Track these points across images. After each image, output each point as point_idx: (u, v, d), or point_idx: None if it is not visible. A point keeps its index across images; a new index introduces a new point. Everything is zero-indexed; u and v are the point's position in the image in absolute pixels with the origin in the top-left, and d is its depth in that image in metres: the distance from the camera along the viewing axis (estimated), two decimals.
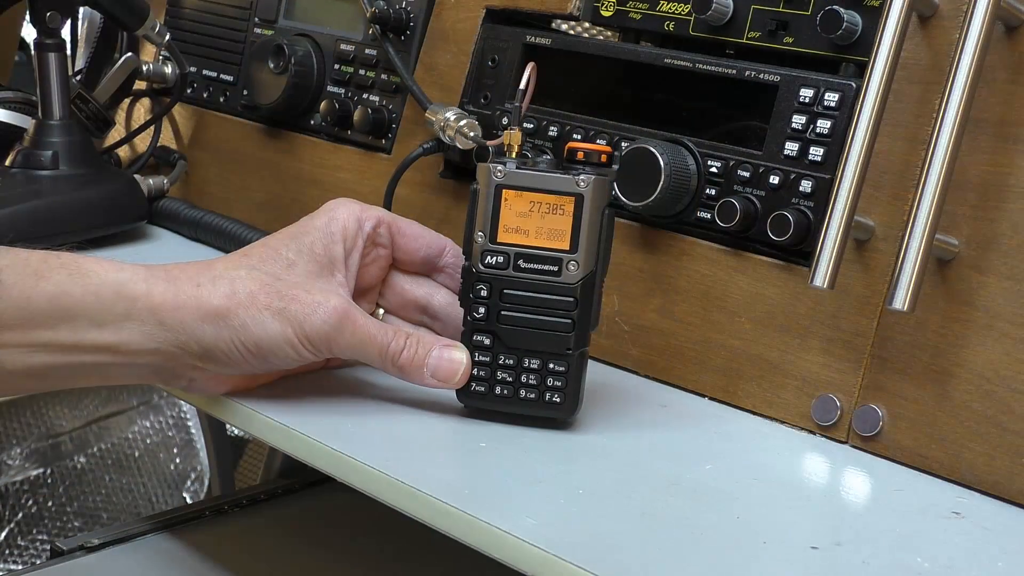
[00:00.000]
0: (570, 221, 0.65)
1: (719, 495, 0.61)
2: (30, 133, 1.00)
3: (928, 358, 0.67)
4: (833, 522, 0.61)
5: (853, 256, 0.70)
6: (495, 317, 0.66)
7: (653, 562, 0.53)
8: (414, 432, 0.66)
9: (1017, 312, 0.64)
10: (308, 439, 0.64)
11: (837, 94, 0.71)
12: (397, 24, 0.96)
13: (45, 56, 0.99)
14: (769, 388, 0.73)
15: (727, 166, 0.75)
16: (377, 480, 0.60)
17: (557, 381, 0.66)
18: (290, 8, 1.06)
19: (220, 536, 1.05)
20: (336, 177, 1.00)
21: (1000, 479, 0.64)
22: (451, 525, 0.57)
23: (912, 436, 0.67)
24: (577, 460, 0.64)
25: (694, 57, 0.78)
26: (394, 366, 0.67)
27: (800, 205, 0.72)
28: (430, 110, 0.88)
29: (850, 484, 0.67)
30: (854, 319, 0.70)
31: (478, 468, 0.63)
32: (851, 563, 0.55)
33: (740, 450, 0.69)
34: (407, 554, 1.00)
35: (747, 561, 0.55)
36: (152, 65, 1.12)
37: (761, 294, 0.74)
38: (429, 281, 0.74)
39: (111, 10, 1.02)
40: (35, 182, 0.97)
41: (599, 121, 0.82)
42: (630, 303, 0.79)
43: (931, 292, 0.67)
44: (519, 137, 0.67)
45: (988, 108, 0.66)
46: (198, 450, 1.63)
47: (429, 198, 0.93)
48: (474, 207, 0.66)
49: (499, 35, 0.90)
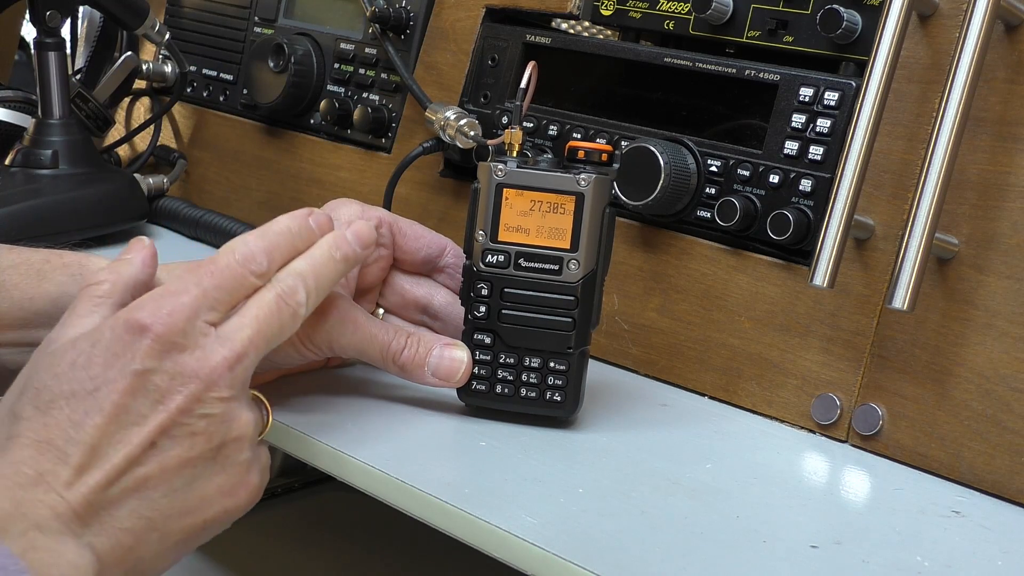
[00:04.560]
0: (571, 220, 0.65)
1: (719, 494, 0.61)
2: (30, 132, 1.00)
3: (928, 357, 0.67)
4: (833, 521, 0.61)
5: (853, 255, 0.70)
6: (496, 316, 0.66)
7: (653, 561, 0.53)
8: (414, 431, 0.66)
9: (1017, 311, 0.64)
10: (308, 438, 0.64)
11: (837, 93, 0.71)
12: (397, 23, 0.96)
13: (45, 55, 0.99)
14: (769, 387, 0.73)
15: (727, 165, 0.75)
16: (377, 479, 0.60)
17: (558, 380, 0.66)
18: (290, 7, 1.06)
19: (220, 535, 1.05)
20: (336, 176, 1.00)
21: (1000, 478, 0.64)
22: (451, 524, 0.57)
23: (912, 435, 0.67)
24: (577, 459, 0.64)
25: (694, 56, 0.78)
26: (395, 365, 0.67)
27: (800, 204, 0.72)
28: (430, 109, 0.88)
29: (850, 483, 0.67)
30: (854, 318, 0.70)
31: (478, 467, 0.63)
32: (851, 562, 0.55)
33: (740, 449, 0.69)
34: (407, 554, 1.00)
35: (747, 560, 0.55)
36: (152, 64, 1.12)
37: (761, 293, 0.74)
38: (429, 281, 0.74)
39: (111, 9, 1.02)
40: (35, 181, 0.97)
41: (599, 120, 0.82)
42: (630, 302, 0.80)
43: (931, 291, 0.67)
44: (520, 136, 0.67)
45: (988, 107, 0.66)
46: None
47: (429, 197, 0.93)
48: (475, 206, 0.66)
49: (499, 34, 0.90)
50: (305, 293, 0.59)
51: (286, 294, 0.58)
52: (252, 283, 0.57)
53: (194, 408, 0.53)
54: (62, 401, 0.52)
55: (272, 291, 0.58)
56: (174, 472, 0.53)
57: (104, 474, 0.51)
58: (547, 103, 0.85)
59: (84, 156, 1.00)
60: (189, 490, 0.54)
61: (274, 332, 0.57)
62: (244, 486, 0.57)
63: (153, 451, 0.53)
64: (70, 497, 0.50)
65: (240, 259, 0.57)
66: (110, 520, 0.52)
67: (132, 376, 0.52)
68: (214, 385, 0.54)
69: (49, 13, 0.98)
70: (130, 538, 0.52)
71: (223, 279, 0.56)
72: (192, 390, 0.53)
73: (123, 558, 0.52)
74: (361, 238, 0.62)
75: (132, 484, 0.52)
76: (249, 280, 0.57)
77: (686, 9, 0.80)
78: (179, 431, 0.53)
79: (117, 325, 0.54)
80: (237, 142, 1.09)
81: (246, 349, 0.55)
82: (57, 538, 0.50)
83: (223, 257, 0.57)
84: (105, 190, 0.99)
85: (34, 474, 0.50)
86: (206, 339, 0.54)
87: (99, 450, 0.51)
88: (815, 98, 0.72)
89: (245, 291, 0.57)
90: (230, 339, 0.55)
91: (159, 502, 0.53)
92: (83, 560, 0.50)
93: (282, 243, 0.59)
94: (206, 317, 0.55)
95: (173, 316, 0.54)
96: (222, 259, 0.57)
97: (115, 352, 0.53)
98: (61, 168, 0.98)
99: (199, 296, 0.55)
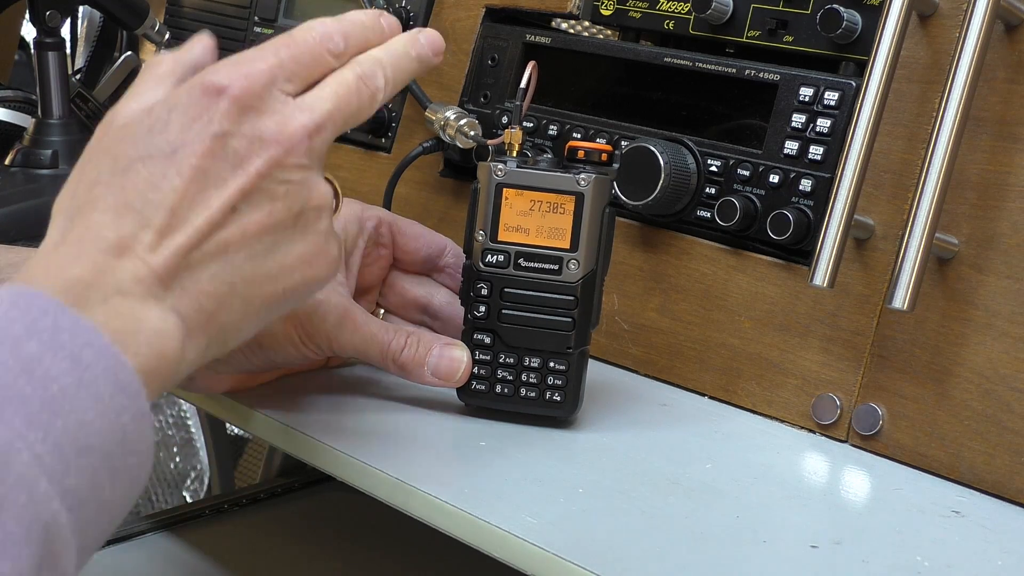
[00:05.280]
0: (571, 220, 0.65)
1: (719, 494, 0.61)
2: (30, 132, 1.00)
3: (928, 357, 0.67)
4: (833, 521, 0.61)
5: (853, 255, 0.70)
6: (496, 316, 0.66)
7: (653, 561, 0.53)
8: (414, 431, 0.66)
9: (1017, 311, 0.64)
10: (308, 438, 0.64)
11: (837, 93, 0.71)
12: None
13: (45, 55, 0.99)
14: (769, 387, 0.73)
15: (727, 165, 0.75)
16: (377, 479, 0.60)
17: (557, 380, 0.66)
18: (290, 7, 1.06)
19: (220, 535, 1.05)
20: (336, 176, 1.00)
21: (1000, 478, 0.64)
22: (451, 524, 0.57)
23: (912, 435, 0.67)
24: (577, 459, 0.64)
25: (694, 56, 0.78)
26: (395, 364, 0.67)
27: (800, 204, 0.72)
28: (430, 109, 0.88)
29: (850, 483, 0.67)
30: (854, 318, 0.70)
31: (478, 467, 0.63)
32: (851, 562, 0.55)
33: (740, 449, 0.69)
34: (407, 553, 1.00)
35: (747, 560, 0.55)
36: None
37: (761, 293, 0.74)
38: (429, 281, 0.74)
39: (111, 9, 1.02)
40: (35, 181, 0.97)
41: (599, 120, 0.82)
42: (630, 302, 0.80)
43: (931, 291, 0.67)
44: (520, 136, 0.67)
45: (988, 107, 0.66)
46: (198, 449, 1.64)
47: (429, 197, 0.93)
48: (475, 206, 0.66)
49: (499, 34, 0.90)
50: (383, 79, 0.57)
51: (366, 76, 0.56)
52: (329, 62, 0.56)
53: (274, 173, 0.52)
54: (139, 164, 0.50)
55: (352, 71, 0.56)
56: (255, 237, 0.52)
57: (187, 237, 0.50)
58: (547, 103, 0.85)
59: None
60: (270, 256, 0.53)
61: (352, 111, 0.56)
62: (324, 256, 0.55)
63: (234, 215, 0.51)
64: (153, 261, 0.49)
65: (319, 36, 0.56)
66: (193, 284, 0.50)
67: (211, 139, 0.51)
68: (293, 151, 0.53)
69: (49, 13, 0.98)
70: (213, 303, 0.51)
71: (301, 52, 0.55)
72: (272, 154, 0.52)
73: (206, 323, 0.51)
74: (434, 44, 0.60)
75: (214, 248, 0.51)
76: (326, 58, 0.56)
77: (686, 9, 0.80)
78: (259, 196, 0.52)
79: (193, 89, 0.52)
80: None
81: (325, 121, 0.54)
82: (141, 303, 0.48)
83: (300, 33, 0.56)
84: None
85: (115, 238, 0.48)
86: (285, 106, 0.53)
87: (180, 213, 0.50)
88: (815, 98, 0.72)
89: (322, 69, 0.56)
90: (310, 108, 0.54)
91: (242, 267, 0.52)
92: (167, 324, 0.49)
93: (356, 32, 0.57)
94: (283, 87, 0.53)
95: (251, 79, 0.52)
96: (299, 34, 0.56)
97: (192, 115, 0.51)
98: (61, 168, 0.98)
99: (276, 65, 0.53)
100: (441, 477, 0.61)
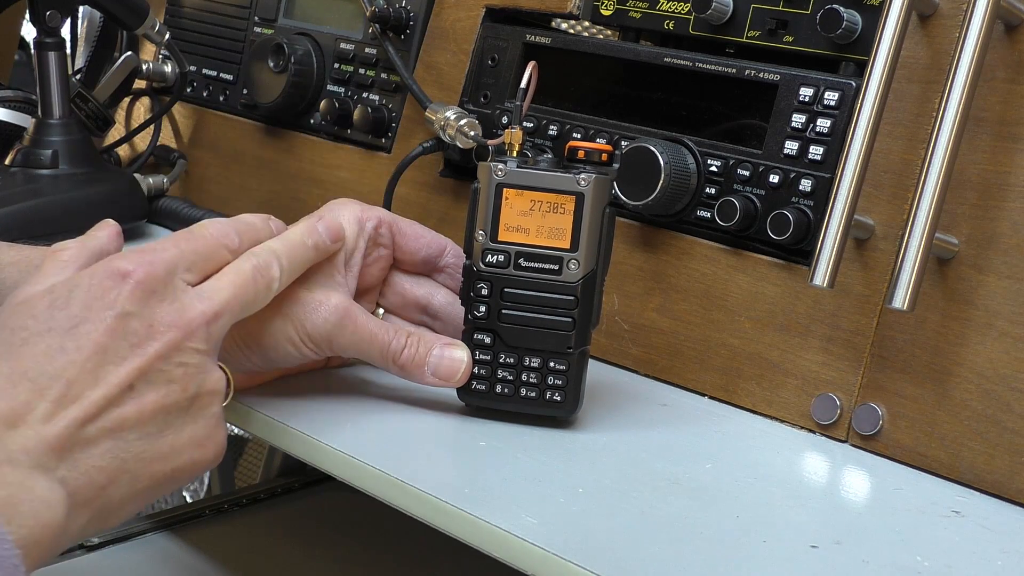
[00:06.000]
0: (571, 220, 0.65)
1: (719, 494, 0.61)
2: (30, 132, 1.00)
3: (928, 357, 0.67)
4: (833, 521, 0.61)
5: (853, 255, 0.70)
6: (496, 316, 0.66)
7: (653, 561, 0.53)
8: (414, 431, 0.66)
9: (1017, 311, 0.64)
10: (308, 438, 0.64)
11: (837, 93, 0.71)
12: (397, 23, 0.96)
13: (45, 55, 0.99)
14: (769, 387, 0.73)
15: (727, 165, 0.75)
16: (377, 479, 0.60)
17: (558, 380, 0.66)
18: (290, 7, 1.06)
19: (220, 535, 1.05)
20: (336, 176, 1.00)
21: (1000, 478, 0.64)
22: (451, 524, 0.57)
23: (912, 435, 0.67)
24: (577, 459, 0.64)
25: (694, 56, 0.78)
26: (395, 365, 0.67)
27: (800, 204, 0.72)
28: (430, 109, 0.88)
29: (850, 483, 0.67)
30: (854, 318, 0.70)
31: (478, 467, 0.63)
32: (851, 562, 0.55)
33: (740, 449, 0.69)
34: (407, 553, 1.00)
35: (747, 560, 0.55)
36: (152, 64, 1.12)
37: (761, 293, 0.74)
38: (430, 281, 0.74)
39: (111, 9, 1.02)
40: (35, 181, 0.97)
41: (599, 120, 0.82)
42: (630, 302, 0.80)
43: (931, 291, 0.67)
44: (520, 136, 0.67)
45: (988, 107, 0.66)
46: None
47: (429, 197, 0.93)
48: (475, 206, 0.66)
49: (499, 34, 0.90)
50: (279, 269, 0.61)
51: (262, 266, 0.60)
52: (225, 256, 0.59)
53: (172, 355, 0.54)
54: (37, 338, 0.52)
55: (249, 261, 0.60)
56: (150, 416, 0.54)
57: (83, 410, 0.51)
58: (547, 103, 0.85)
59: (84, 156, 1.00)
60: (162, 436, 0.54)
61: (249, 299, 0.59)
62: (213, 440, 0.57)
63: (131, 393, 0.53)
64: (46, 432, 0.50)
65: (215, 233, 0.60)
66: (85, 458, 0.51)
67: (113, 318, 0.53)
68: (192, 336, 0.55)
69: (49, 13, 0.98)
70: (103, 477, 0.52)
71: (200, 245, 0.58)
72: (171, 338, 0.54)
73: (93, 498, 0.52)
74: (332, 230, 0.65)
75: (110, 424, 0.52)
76: (222, 252, 0.59)
77: (686, 9, 0.80)
78: (157, 376, 0.54)
79: (97, 272, 0.54)
80: (237, 142, 1.09)
81: (223, 308, 0.57)
82: (28, 472, 0.49)
83: (199, 229, 0.60)
84: (105, 190, 0.99)
85: (6, 408, 0.50)
86: (185, 293, 0.56)
87: (77, 386, 0.51)
88: (815, 98, 0.72)
89: (219, 262, 0.59)
90: (209, 296, 0.57)
91: (133, 444, 0.53)
92: (54, 496, 0.49)
93: (249, 231, 0.62)
94: (184, 276, 0.57)
95: (155, 265, 0.55)
96: (198, 230, 0.59)
97: (95, 295, 0.53)
98: (61, 168, 0.98)
99: (178, 255, 0.57)
100: (441, 477, 0.61)
